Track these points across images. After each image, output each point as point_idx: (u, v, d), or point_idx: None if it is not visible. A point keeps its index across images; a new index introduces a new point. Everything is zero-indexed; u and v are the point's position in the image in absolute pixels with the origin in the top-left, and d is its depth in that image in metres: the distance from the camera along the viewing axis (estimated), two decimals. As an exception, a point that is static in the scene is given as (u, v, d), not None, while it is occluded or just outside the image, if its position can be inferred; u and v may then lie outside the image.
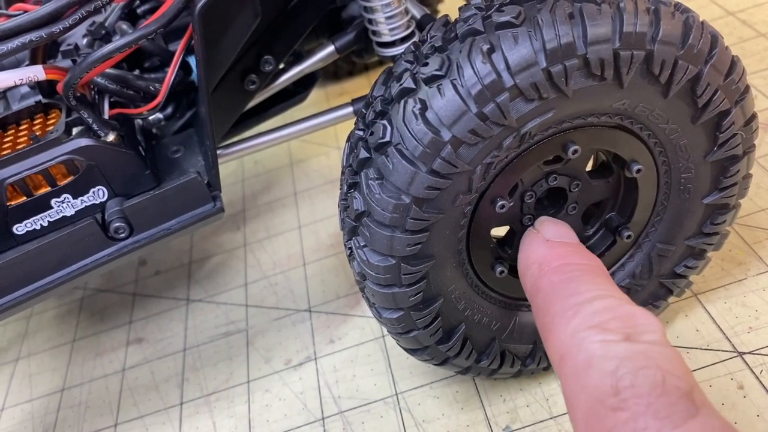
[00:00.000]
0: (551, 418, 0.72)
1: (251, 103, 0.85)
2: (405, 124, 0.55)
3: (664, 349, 0.43)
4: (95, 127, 0.68)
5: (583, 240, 0.71)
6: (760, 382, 0.69)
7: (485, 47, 0.53)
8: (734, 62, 0.59)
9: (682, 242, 0.70)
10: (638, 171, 0.63)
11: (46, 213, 0.68)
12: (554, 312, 0.49)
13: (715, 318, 0.77)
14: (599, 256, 0.70)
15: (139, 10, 0.85)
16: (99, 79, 0.73)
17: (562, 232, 0.61)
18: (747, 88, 0.61)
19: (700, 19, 0.57)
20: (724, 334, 0.75)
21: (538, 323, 0.53)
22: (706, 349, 0.74)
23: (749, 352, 0.72)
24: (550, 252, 0.57)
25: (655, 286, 0.73)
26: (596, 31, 0.53)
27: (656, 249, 0.70)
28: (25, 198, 0.68)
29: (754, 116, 0.62)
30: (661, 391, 0.40)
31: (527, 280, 0.57)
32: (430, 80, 0.55)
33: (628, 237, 0.68)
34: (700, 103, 0.59)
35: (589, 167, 0.68)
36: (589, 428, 0.41)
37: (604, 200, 0.69)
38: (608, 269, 0.72)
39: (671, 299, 0.74)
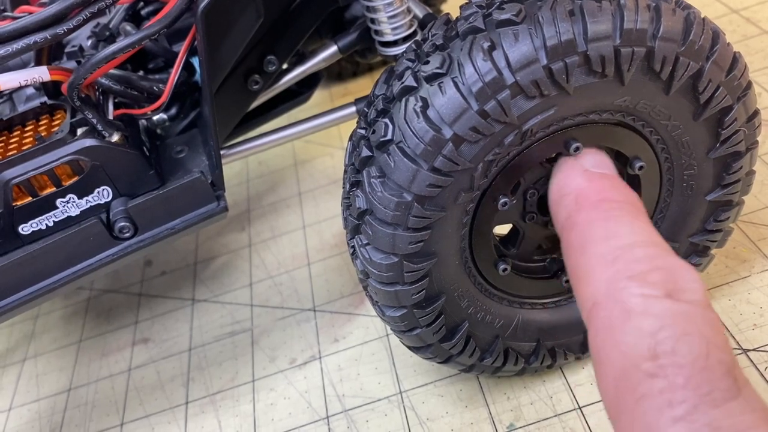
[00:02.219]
0: (555, 416, 0.72)
1: (255, 104, 0.86)
2: (406, 122, 0.55)
3: (705, 312, 0.39)
4: (100, 127, 0.69)
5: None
6: (765, 379, 0.69)
7: (486, 45, 0.53)
8: (736, 58, 0.59)
9: (685, 239, 0.70)
10: (641, 168, 0.63)
11: (51, 213, 0.69)
12: (591, 253, 0.45)
13: (719, 315, 0.76)
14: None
15: (143, 12, 0.85)
16: (103, 80, 0.74)
17: (603, 162, 0.55)
18: (749, 84, 0.61)
19: (701, 16, 0.57)
20: (729, 331, 0.75)
21: (568, 262, 0.48)
22: (711, 347, 0.74)
23: (754, 349, 0.72)
24: (590, 184, 0.51)
25: (658, 284, 0.72)
26: (597, 28, 0.53)
27: (659, 246, 0.70)
28: (30, 198, 0.68)
29: (756, 113, 0.62)
30: (704, 364, 0.36)
31: (561, 212, 0.51)
32: (432, 78, 0.55)
33: (631, 234, 0.68)
34: (701, 100, 0.59)
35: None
36: (618, 393, 0.38)
37: (606, 198, 0.69)
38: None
39: (675, 297, 0.74)
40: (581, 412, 0.72)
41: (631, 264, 0.43)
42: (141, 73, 0.82)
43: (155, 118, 0.80)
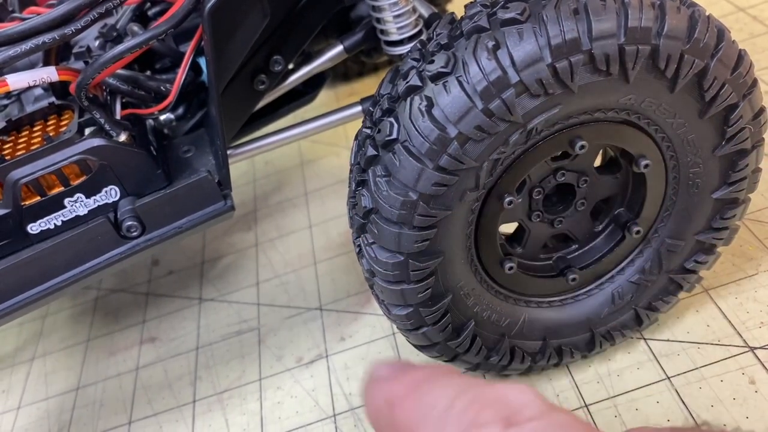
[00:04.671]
0: (561, 414, 0.72)
1: (261, 103, 0.86)
2: (411, 122, 0.56)
3: (549, 418, 0.40)
4: (107, 127, 0.69)
5: (592, 236, 0.71)
6: (772, 377, 0.69)
7: (490, 44, 0.53)
8: (741, 56, 0.59)
9: (691, 237, 0.69)
10: (646, 166, 0.63)
11: (59, 212, 0.69)
12: None
13: (726, 313, 0.76)
14: (608, 252, 0.70)
15: (150, 12, 0.85)
16: (111, 80, 0.74)
17: (393, 365, 0.57)
18: (755, 81, 0.60)
19: (706, 14, 0.57)
20: (735, 329, 0.74)
21: None
22: (717, 344, 0.74)
23: (761, 347, 0.72)
24: (393, 385, 0.52)
25: (664, 282, 0.72)
26: (601, 26, 0.53)
27: (665, 244, 0.70)
28: (39, 198, 0.68)
29: (762, 110, 0.62)
30: None
31: (383, 426, 0.53)
32: (436, 77, 0.55)
33: (637, 233, 0.68)
34: (707, 98, 0.58)
35: (597, 163, 0.68)
36: None
37: (612, 196, 0.69)
38: (617, 265, 0.72)
39: (681, 295, 0.74)
40: (588, 410, 0.72)
41: (460, 417, 0.41)
42: (148, 73, 0.82)
43: (162, 117, 0.81)
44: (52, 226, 0.70)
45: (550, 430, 0.38)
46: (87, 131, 0.70)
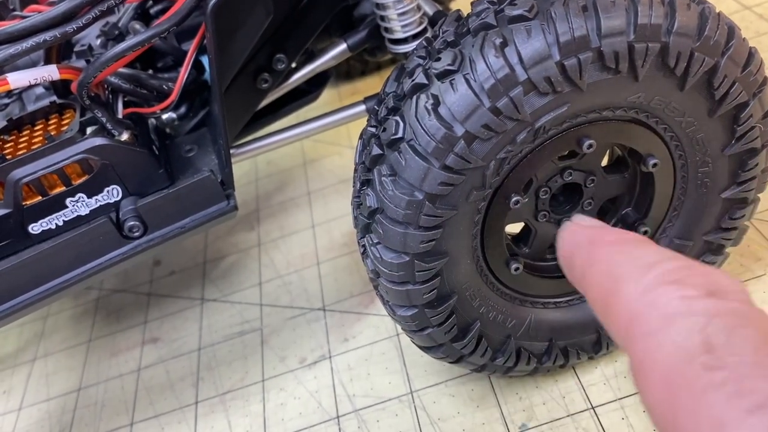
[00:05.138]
0: (568, 416, 0.72)
1: (264, 102, 0.85)
2: (417, 120, 0.55)
3: (753, 309, 0.37)
4: (109, 126, 0.69)
5: (599, 236, 0.70)
6: (781, 379, 0.68)
7: (498, 41, 0.53)
8: (752, 54, 0.58)
9: (699, 237, 0.69)
10: (654, 165, 0.62)
11: (61, 212, 0.69)
12: (618, 276, 0.41)
13: (733, 314, 0.76)
14: (615, 252, 0.70)
15: (152, 10, 0.85)
16: (113, 79, 0.73)
17: (602, 223, 0.53)
18: (765, 80, 0.60)
19: (716, 11, 0.56)
20: (743, 330, 0.74)
21: (595, 298, 0.44)
22: (725, 346, 0.73)
23: (769, 349, 0.71)
24: (600, 231, 0.49)
25: (672, 283, 0.72)
26: (610, 23, 0.52)
27: (673, 244, 0.69)
28: (40, 197, 0.68)
29: (772, 109, 0.61)
30: (766, 350, 0.33)
31: (576, 262, 0.48)
32: (443, 75, 0.55)
33: (645, 232, 0.67)
34: (717, 96, 0.58)
35: (604, 162, 0.67)
36: (670, 389, 0.34)
37: (620, 195, 0.68)
38: (625, 265, 0.71)
39: (689, 295, 0.73)
40: (594, 412, 0.71)
41: (666, 273, 0.39)
42: (150, 71, 0.81)
43: (164, 116, 0.80)
44: (53, 226, 0.69)
45: (752, 316, 0.36)
46: (89, 130, 0.70)
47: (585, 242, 0.48)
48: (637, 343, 0.38)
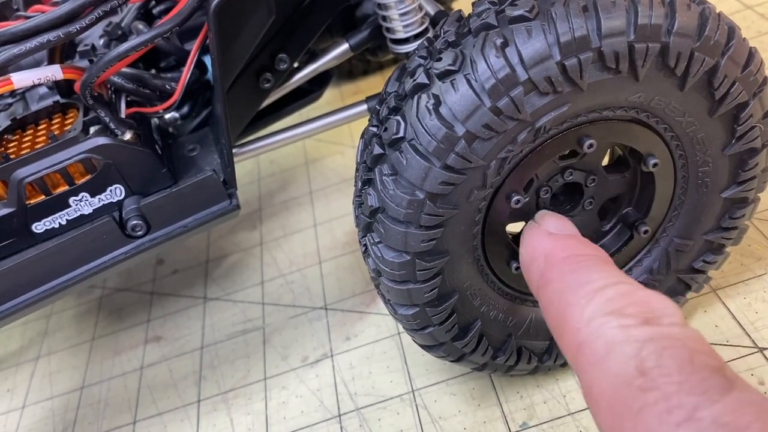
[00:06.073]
0: (569, 415, 0.72)
1: (266, 102, 0.86)
2: (418, 120, 0.55)
3: (685, 329, 0.41)
4: (112, 125, 0.69)
5: (600, 235, 0.70)
6: (781, 378, 0.69)
7: (499, 41, 0.53)
8: (752, 54, 0.58)
9: (700, 237, 0.69)
10: (655, 165, 0.62)
11: (64, 211, 0.69)
12: (567, 302, 0.47)
13: (734, 313, 0.76)
14: (616, 251, 0.70)
15: (154, 10, 0.85)
16: (116, 79, 0.74)
17: (565, 225, 0.59)
18: (765, 80, 0.60)
19: (717, 11, 0.57)
20: (744, 329, 0.74)
21: (548, 317, 0.51)
22: (726, 345, 0.73)
23: (769, 348, 0.71)
24: (556, 244, 0.55)
25: (673, 282, 0.72)
26: (610, 23, 0.52)
27: (674, 244, 0.69)
28: (43, 197, 0.68)
29: (772, 108, 0.62)
30: (690, 368, 0.38)
31: (533, 274, 0.55)
32: (444, 75, 0.55)
33: (645, 232, 0.67)
34: (717, 96, 0.58)
35: (605, 162, 0.67)
36: (614, 413, 0.39)
37: (620, 195, 0.68)
38: (625, 265, 0.71)
39: (689, 295, 0.74)
40: (595, 411, 0.72)
41: (606, 303, 0.45)
42: (153, 71, 0.82)
43: (167, 116, 0.81)
44: (56, 225, 0.69)
45: (682, 336, 0.40)
46: (92, 130, 0.70)
47: (541, 257, 0.55)
48: (585, 373, 0.43)
